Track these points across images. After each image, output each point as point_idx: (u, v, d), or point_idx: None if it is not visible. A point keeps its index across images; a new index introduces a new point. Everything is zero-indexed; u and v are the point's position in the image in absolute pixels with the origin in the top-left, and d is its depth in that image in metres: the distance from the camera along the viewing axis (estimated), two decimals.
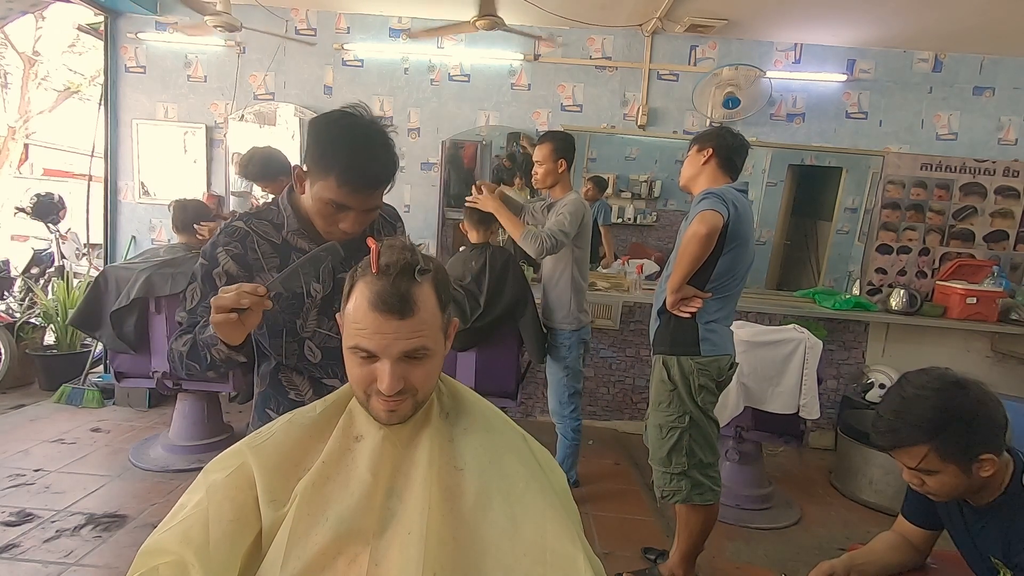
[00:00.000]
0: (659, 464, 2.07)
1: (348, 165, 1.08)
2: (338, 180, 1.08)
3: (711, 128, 2.27)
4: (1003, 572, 1.19)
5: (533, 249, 2.43)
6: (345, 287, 0.87)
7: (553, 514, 0.83)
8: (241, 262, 1.18)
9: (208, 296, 1.11)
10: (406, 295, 0.80)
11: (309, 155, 1.12)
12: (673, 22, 3.50)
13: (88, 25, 4.29)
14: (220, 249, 1.18)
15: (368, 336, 0.81)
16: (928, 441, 1.16)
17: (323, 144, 1.10)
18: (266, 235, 1.21)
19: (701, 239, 1.84)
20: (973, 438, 1.15)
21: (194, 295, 1.19)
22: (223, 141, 3.87)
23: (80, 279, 4.16)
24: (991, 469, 1.16)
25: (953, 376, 1.19)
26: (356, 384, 0.85)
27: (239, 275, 1.17)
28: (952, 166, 3.66)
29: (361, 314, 0.81)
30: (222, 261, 1.18)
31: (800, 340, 2.70)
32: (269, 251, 1.20)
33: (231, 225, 1.22)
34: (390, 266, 0.81)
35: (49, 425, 3.29)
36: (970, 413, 1.15)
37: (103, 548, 2.21)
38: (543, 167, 2.62)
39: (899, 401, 1.21)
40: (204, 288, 1.18)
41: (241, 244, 1.19)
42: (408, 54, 3.76)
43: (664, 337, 2.05)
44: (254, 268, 1.19)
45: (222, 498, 0.79)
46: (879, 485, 2.98)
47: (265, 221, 1.22)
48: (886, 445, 1.22)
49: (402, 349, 0.81)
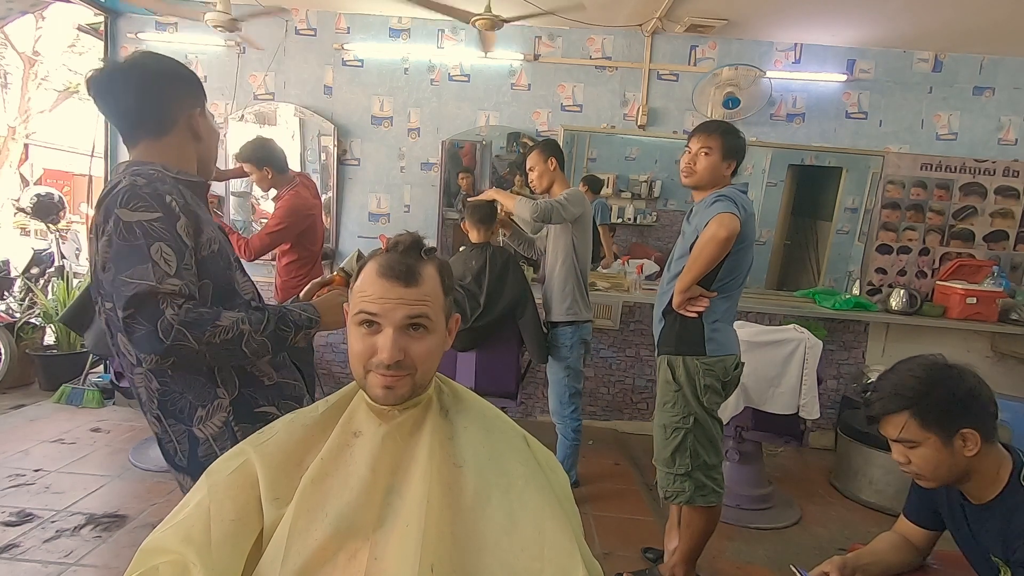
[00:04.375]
0: (663, 465, 2.06)
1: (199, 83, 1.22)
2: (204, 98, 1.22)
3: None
4: (1004, 571, 1.19)
5: (528, 212, 2.49)
6: (354, 276, 0.91)
7: (551, 512, 0.83)
8: (189, 213, 1.08)
9: (183, 256, 1.03)
10: (412, 266, 0.86)
11: (185, 97, 1.18)
12: (673, 22, 3.50)
13: (88, 25, 4.29)
14: (169, 199, 1.05)
15: (373, 300, 0.84)
16: (908, 407, 1.19)
17: (185, 78, 1.20)
18: (177, 190, 1.11)
19: (720, 242, 1.83)
20: (954, 408, 1.17)
21: (166, 258, 1.01)
22: (223, 141, 3.86)
23: (80, 279, 4.16)
24: (974, 448, 1.17)
25: (944, 359, 1.23)
26: (356, 359, 0.86)
27: (193, 231, 1.08)
28: (952, 166, 3.66)
29: (368, 283, 0.85)
30: (176, 209, 1.05)
31: (800, 340, 2.70)
32: (198, 205, 1.14)
33: (146, 170, 1.09)
34: (399, 243, 0.88)
35: (49, 425, 3.29)
36: (953, 385, 1.18)
37: (103, 548, 2.21)
38: (536, 170, 2.70)
39: (888, 375, 1.26)
40: (176, 245, 1.03)
41: (180, 194, 1.08)
42: (408, 54, 3.75)
43: (669, 337, 2.04)
44: (201, 222, 1.10)
45: (224, 497, 0.79)
46: (879, 485, 2.98)
47: (166, 176, 1.12)
48: (872, 415, 1.26)
49: (405, 314, 0.84)
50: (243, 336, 1.06)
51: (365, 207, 3.87)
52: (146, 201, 1.03)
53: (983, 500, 1.23)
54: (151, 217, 1.02)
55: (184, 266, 1.03)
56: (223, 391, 1.14)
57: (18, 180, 9.64)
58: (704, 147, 1.96)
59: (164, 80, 1.15)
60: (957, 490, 1.28)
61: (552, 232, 2.72)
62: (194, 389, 1.13)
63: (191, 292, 1.04)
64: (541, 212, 2.48)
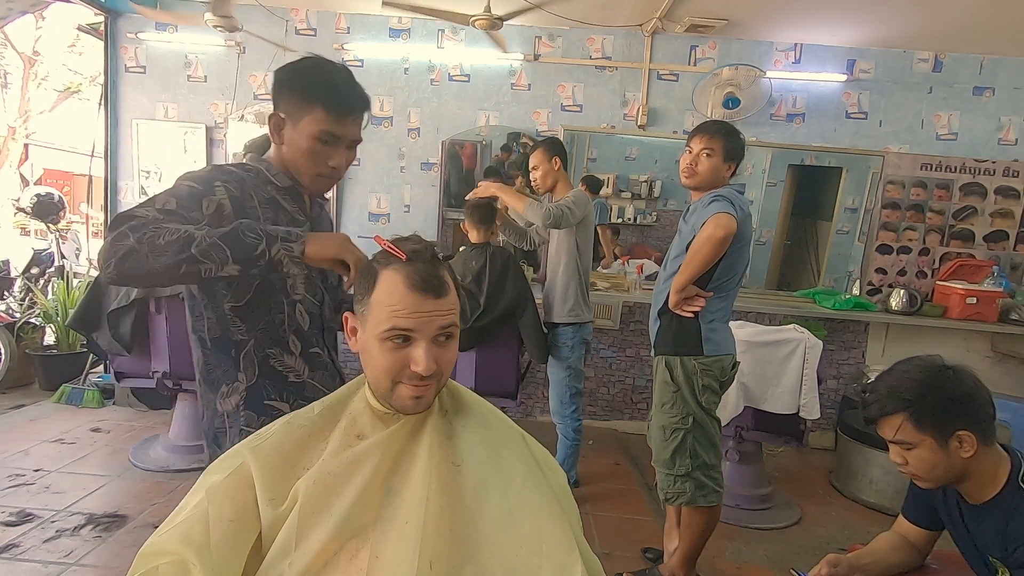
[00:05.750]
0: (663, 466, 2.06)
1: (332, 93, 1.12)
2: (325, 107, 1.12)
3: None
4: (1002, 572, 1.19)
5: (539, 217, 2.47)
6: (361, 283, 0.88)
7: (549, 510, 0.84)
8: (236, 205, 1.10)
9: (190, 211, 1.03)
10: (441, 275, 0.85)
11: (285, 99, 1.14)
12: (673, 22, 3.50)
13: (88, 25, 4.29)
14: (219, 184, 1.10)
15: (406, 316, 0.82)
16: (904, 409, 1.19)
17: (301, 82, 1.14)
18: (260, 187, 1.17)
19: (717, 242, 1.83)
20: (950, 411, 1.18)
21: (168, 202, 1.02)
22: (223, 141, 3.87)
23: (80, 279, 4.16)
24: (970, 449, 1.17)
25: (942, 361, 1.23)
26: (384, 372, 0.85)
27: (229, 215, 1.08)
28: (952, 166, 3.66)
29: (398, 296, 0.83)
30: (219, 194, 1.08)
31: (800, 340, 2.70)
32: (265, 203, 1.16)
33: (226, 167, 1.16)
34: (418, 252, 0.85)
35: (49, 425, 3.29)
36: (949, 387, 1.19)
37: (103, 548, 2.21)
38: (540, 170, 2.67)
39: (885, 377, 1.26)
40: (185, 203, 1.04)
41: (240, 188, 1.12)
42: (408, 54, 3.76)
43: (666, 338, 2.04)
44: (250, 216, 1.10)
45: (222, 499, 0.79)
46: (879, 485, 2.98)
47: (252, 174, 1.17)
48: (868, 417, 1.26)
49: (439, 325, 0.84)
50: (193, 239, 0.94)
51: (365, 207, 3.88)
52: (197, 174, 1.11)
53: (980, 500, 1.23)
54: (187, 185, 1.08)
55: (181, 213, 1.02)
56: (243, 376, 1.18)
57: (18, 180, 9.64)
58: (706, 148, 1.95)
59: (276, 83, 1.17)
60: (954, 490, 1.28)
61: (555, 234, 2.71)
62: (223, 366, 1.19)
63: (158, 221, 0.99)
64: (553, 218, 2.46)
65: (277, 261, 0.98)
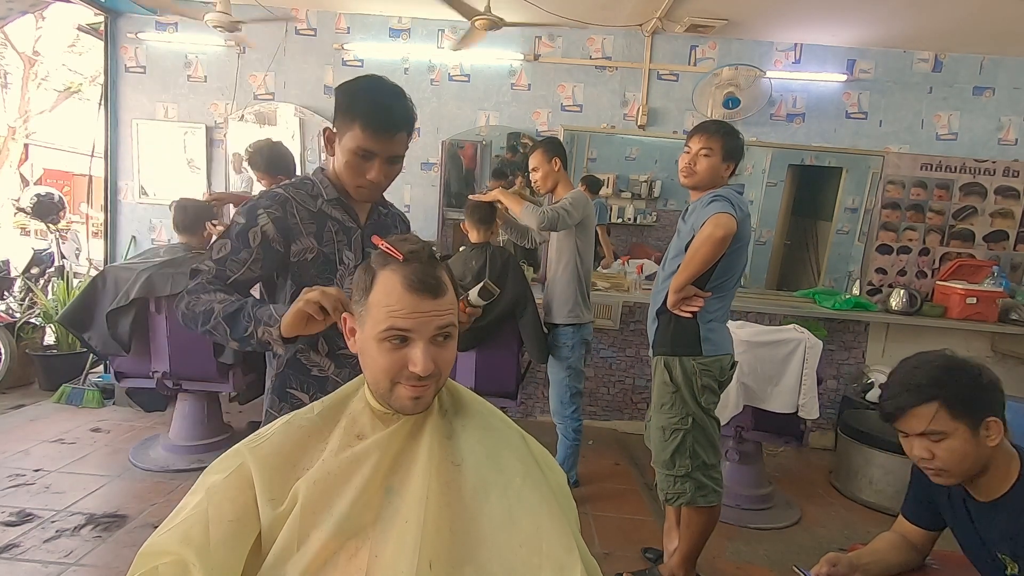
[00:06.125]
0: (662, 467, 2.06)
1: (369, 110, 1.21)
2: (362, 124, 1.20)
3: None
4: (1011, 567, 1.19)
5: (535, 221, 2.47)
6: (359, 284, 0.88)
7: (549, 509, 0.84)
8: (280, 225, 1.24)
9: (239, 252, 1.22)
10: (438, 275, 0.86)
11: (336, 115, 1.25)
12: (673, 22, 3.50)
13: (88, 25, 4.29)
14: (261, 211, 1.24)
15: (404, 316, 0.82)
16: (937, 394, 1.17)
17: (348, 99, 1.23)
18: (303, 203, 1.29)
19: (716, 242, 1.83)
20: (980, 396, 1.17)
21: (223, 248, 1.23)
22: (223, 141, 3.87)
23: (80, 279, 4.16)
24: (996, 437, 1.17)
25: (952, 353, 1.24)
26: (383, 373, 0.85)
27: (275, 238, 1.24)
28: (952, 166, 3.66)
29: (396, 297, 0.83)
30: (261, 222, 1.23)
31: (800, 340, 2.70)
32: (307, 217, 1.28)
33: (272, 190, 1.29)
34: (416, 252, 0.85)
35: (49, 425, 3.29)
36: (975, 373, 1.19)
37: (103, 548, 2.21)
38: (540, 171, 2.67)
39: (903, 371, 1.24)
40: (236, 244, 1.23)
41: (282, 208, 1.25)
42: (408, 54, 3.76)
43: (665, 338, 2.04)
44: (292, 233, 1.26)
45: (222, 499, 0.80)
46: (879, 485, 2.98)
47: (302, 191, 1.30)
48: (896, 409, 1.21)
49: (437, 325, 0.84)
50: (211, 314, 1.15)
51: None
52: (247, 206, 1.27)
53: (990, 498, 1.22)
54: (238, 223, 1.25)
55: (232, 259, 1.23)
56: (275, 363, 1.35)
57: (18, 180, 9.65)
58: (704, 148, 1.95)
59: (335, 100, 1.26)
60: (960, 489, 1.27)
61: (555, 234, 2.71)
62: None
63: (218, 274, 1.22)
64: (548, 222, 2.46)
65: (265, 341, 1.12)
